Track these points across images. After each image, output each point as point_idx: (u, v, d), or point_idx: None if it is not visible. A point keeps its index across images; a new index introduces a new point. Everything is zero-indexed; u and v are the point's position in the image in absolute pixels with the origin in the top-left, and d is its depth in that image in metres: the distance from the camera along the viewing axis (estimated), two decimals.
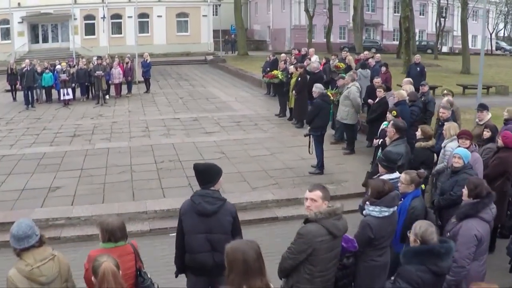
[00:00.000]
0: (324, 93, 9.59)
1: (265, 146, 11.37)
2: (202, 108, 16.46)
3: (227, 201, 4.23)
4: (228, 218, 4.15)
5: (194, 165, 4.30)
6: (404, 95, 8.86)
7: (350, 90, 10.74)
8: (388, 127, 6.08)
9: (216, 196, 4.14)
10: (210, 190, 4.15)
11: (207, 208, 4.09)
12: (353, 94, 10.72)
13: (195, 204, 4.11)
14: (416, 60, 16.10)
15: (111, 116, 15.37)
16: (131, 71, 19.91)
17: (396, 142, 6.00)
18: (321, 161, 9.53)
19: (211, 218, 4.11)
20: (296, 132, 12.81)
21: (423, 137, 6.75)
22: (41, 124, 14.39)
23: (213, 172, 4.22)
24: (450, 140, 7.04)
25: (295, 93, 13.07)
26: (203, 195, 4.14)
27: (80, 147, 11.37)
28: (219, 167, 4.31)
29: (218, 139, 12.03)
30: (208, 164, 4.38)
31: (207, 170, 4.25)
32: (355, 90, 10.78)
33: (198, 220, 4.14)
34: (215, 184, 4.20)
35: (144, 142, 11.74)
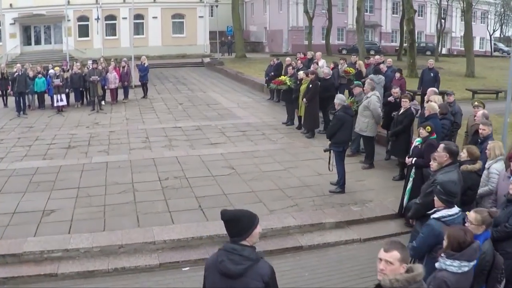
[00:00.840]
0: (346, 105, 8.79)
1: (276, 159, 10.54)
2: (203, 115, 15.61)
3: (262, 260, 3.28)
4: (257, 284, 3.23)
5: (221, 213, 3.41)
6: (436, 108, 8.09)
7: (370, 100, 9.95)
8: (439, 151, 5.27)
9: (245, 255, 3.18)
10: (239, 245, 3.22)
11: (230, 269, 3.17)
12: (374, 104, 9.94)
13: (218, 262, 3.22)
14: (430, 65, 15.37)
15: (108, 124, 14.46)
16: (127, 75, 18.99)
17: (448, 169, 5.20)
18: (342, 179, 8.73)
19: (236, 280, 3.20)
20: (307, 143, 12.02)
21: (469, 159, 5.97)
22: (33, 133, 13.46)
23: (244, 222, 3.27)
24: (495, 161, 6.29)
25: (305, 101, 12.27)
26: (229, 251, 3.21)
27: (75, 161, 10.48)
28: (253, 214, 3.36)
29: (225, 151, 11.19)
30: (238, 212, 3.43)
31: (235, 219, 3.30)
32: (375, 100, 10.00)
33: (220, 281, 3.24)
34: (246, 237, 3.25)
35: (145, 155, 10.87)
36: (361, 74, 14.77)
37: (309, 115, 12.37)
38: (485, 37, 54.02)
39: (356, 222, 7.69)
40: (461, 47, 53.73)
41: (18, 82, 16.22)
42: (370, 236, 7.29)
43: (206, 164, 10.10)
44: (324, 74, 12.93)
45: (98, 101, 16.92)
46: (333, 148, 8.65)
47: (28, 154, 11.25)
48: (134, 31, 35.20)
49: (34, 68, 18.10)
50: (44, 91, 17.54)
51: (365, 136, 10.17)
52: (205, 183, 8.86)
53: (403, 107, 9.38)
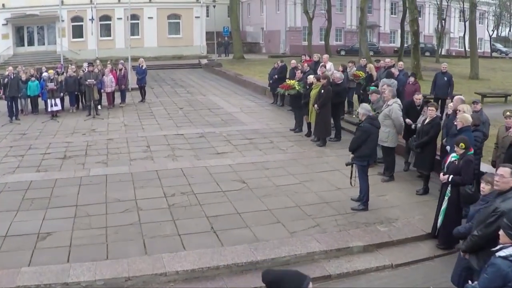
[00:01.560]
0: (372, 115, 8.08)
1: (289, 171, 9.82)
2: (206, 121, 14.85)
3: None
4: None
5: (263, 275, 2.70)
6: (469, 119, 7.39)
7: (392, 108, 9.26)
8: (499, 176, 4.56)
9: None
10: None
11: None
12: (396, 113, 9.24)
13: None
14: (443, 69, 14.70)
15: (105, 131, 13.66)
16: (124, 78, 18.18)
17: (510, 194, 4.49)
18: (366, 196, 8.04)
19: None
20: (320, 152, 11.32)
21: None
22: (26, 141, 12.64)
23: (290, 285, 2.61)
24: None
25: (317, 108, 11.56)
26: None
27: (72, 174, 9.69)
28: (302, 275, 2.71)
29: (233, 162, 10.44)
30: (282, 274, 2.73)
31: (278, 281, 2.62)
32: (397, 108, 9.31)
33: None
34: None
35: (147, 167, 10.09)
36: (372, 78, 14.12)
37: (321, 122, 11.66)
38: (483, 37, 53.60)
39: (385, 244, 7.00)
40: (459, 47, 53.45)
41: (10, 86, 15.38)
42: (402, 261, 6.60)
43: (214, 177, 9.36)
44: (335, 79, 12.24)
45: (94, 106, 16.12)
46: (357, 162, 7.96)
47: (21, 165, 10.44)
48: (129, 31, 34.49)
49: (27, 71, 17.28)
50: (38, 95, 16.72)
51: (385, 147, 9.47)
52: (215, 200, 8.12)
53: (429, 116, 8.71)
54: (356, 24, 46.64)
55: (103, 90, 17.32)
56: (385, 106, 9.48)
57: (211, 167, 10.01)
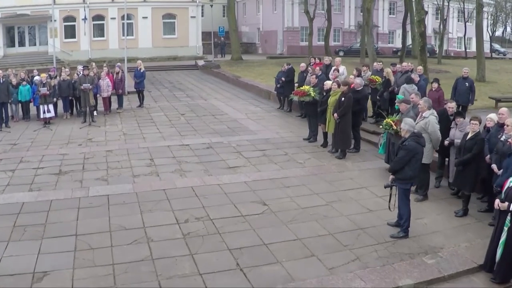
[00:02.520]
0: (417, 132, 7.11)
1: (312, 189, 8.85)
2: (211, 129, 13.83)
3: None
4: None
5: None
6: None
7: (428, 121, 8.32)
8: None
9: None
10: None
11: None
12: (433, 126, 8.30)
13: None
14: (464, 74, 13.81)
15: (103, 141, 12.59)
16: (122, 82, 17.05)
17: None
18: (407, 222, 7.10)
19: None
20: (340, 166, 10.36)
21: None
22: (17, 153, 11.53)
23: None
24: None
25: (337, 117, 10.59)
26: None
27: (69, 194, 8.62)
28: None
29: (248, 178, 9.44)
30: None
31: None
32: (434, 121, 8.37)
33: None
34: None
35: (153, 185, 9.05)
36: (389, 83, 13.20)
37: (341, 133, 10.70)
38: None
39: (436, 281, 6.06)
40: (458, 48, 52.93)
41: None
42: None
43: (230, 197, 8.34)
44: (355, 85, 11.29)
45: (90, 112, 15.01)
46: (398, 185, 7.00)
47: (11, 182, 9.34)
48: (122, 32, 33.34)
49: (18, 74, 16.12)
50: (29, 100, 15.60)
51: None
52: (236, 227, 7.11)
53: (472, 131, 7.79)
54: (354, 24, 45.95)
55: (99, 95, 16.22)
56: (420, 118, 8.54)
57: (224, 185, 9.00)
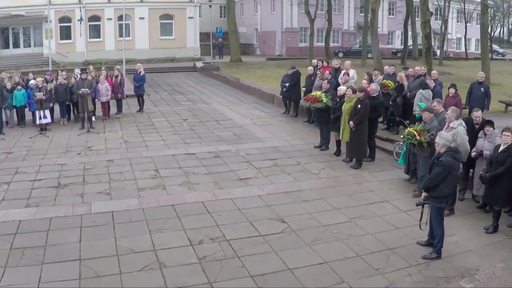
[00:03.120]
0: (454, 147, 6.52)
1: (332, 204, 8.26)
2: (216, 136, 13.20)
3: None
4: None
5: None
6: None
7: (457, 132, 7.76)
8: None
9: None
10: None
11: None
12: (462, 137, 7.74)
13: None
14: (480, 78, 13.27)
15: (104, 150, 11.93)
16: (121, 86, 16.37)
17: None
18: (441, 242, 6.53)
19: None
20: (357, 177, 9.78)
21: None
22: (12, 163, 10.85)
23: None
24: None
25: (353, 125, 10.01)
26: None
27: (70, 210, 7.96)
28: None
29: (262, 191, 8.83)
30: None
31: None
32: (463, 132, 7.81)
33: None
34: None
35: (161, 200, 8.41)
36: (402, 88, 12.63)
37: (357, 141, 10.12)
38: None
39: None
40: (457, 49, 52.62)
41: None
42: None
43: (245, 214, 7.73)
44: (371, 91, 10.70)
45: (88, 118, 14.34)
46: (432, 204, 6.42)
47: (7, 197, 8.67)
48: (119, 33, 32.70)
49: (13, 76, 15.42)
50: (24, 105, 14.90)
51: None
52: (255, 250, 6.50)
53: (504, 143, 7.26)
54: (354, 25, 45.48)
55: (97, 99, 15.56)
56: (448, 129, 7.98)
57: (237, 199, 8.38)
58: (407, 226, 7.45)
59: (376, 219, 7.78)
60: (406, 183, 9.60)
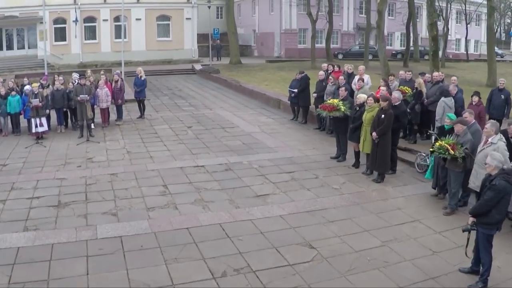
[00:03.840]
0: (507, 169, 5.84)
1: (360, 224, 7.57)
2: (225, 145, 12.47)
3: None
4: None
5: None
6: None
7: (497, 147, 7.09)
8: None
9: None
10: None
11: None
12: (503, 153, 7.06)
13: None
14: (501, 85, 12.62)
15: (105, 161, 11.15)
16: (121, 91, 15.60)
17: None
18: (488, 271, 5.89)
19: None
20: (382, 192, 9.10)
21: None
22: (8, 177, 10.04)
23: None
24: None
25: (376, 136, 9.33)
26: None
27: (73, 235, 7.19)
28: None
29: (283, 210, 8.11)
30: None
31: None
32: (504, 148, 7.16)
33: None
34: None
35: (174, 222, 7.65)
36: (421, 95, 11.99)
37: (381, 154, 9.44)
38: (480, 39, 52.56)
39: None
40: (456, 50, 52.23)
41: None
42: None
43: (269, 238, 7.01)
44: (393, 100, 10.01)
45: (87, 125, 13.56)
46: (482, 230, 5.76)
47: (3, 218, 7.89)
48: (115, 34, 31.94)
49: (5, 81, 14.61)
50: (19, 112, 14.10)
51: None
52: (286, 283, 5.78)
53: None
54: (353, 27, 44.91)
55: (96, 106, 14.77)
56: (486, 144, 7.32)
57: (258, 220, 7.65)
58: (445, 250, 6.80)
59: (410, 242, 7.10)
60: (434, 198, 8.96)
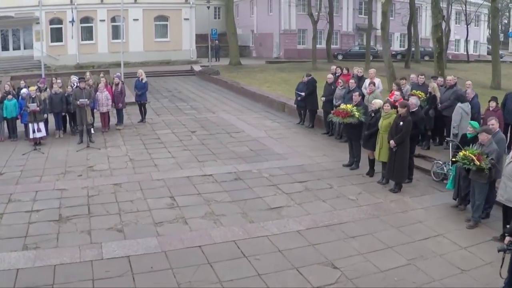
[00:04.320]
0: None
1: (382, 240, 7.11)
2: (231, 152, 11.98)
3: None
4: None
5: None
6: None
7: None
8: None
9: None
10: None
11: None
12: None
13: None
14: None
15: (107, 170, 10.63)
16: (122, 95, 15.07)
17: None
18: None
19: None
20: (400, 203, 8.66)
21: None
22: (4, 187, 9.50)
23: None
24: None
25: (394, 144, 8.88)
26: None
27: (77, 254, 6.66)
28: None
29: (300, 225, 7.62)
30: None
31: None
32: None
33: None
34: None
35: (184, 239, 7.14)
36: (435, 100, 11.55)
37: (399, 163, 8.98)
38: (479, 40, 52.37)
39: None
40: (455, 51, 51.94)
41: None
42: None
43: (288, 257, 6.52)
44: (411, 106, 9.55)
45: (87, 130, 13.02)
46: None
47: (0, 234, 7.37)
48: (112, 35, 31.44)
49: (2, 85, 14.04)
50: (16, 116, 13.56)
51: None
52: None
53: None
54: (353, 27, 44.53)
55: (96, 110, 14.24)
56: None
57: (274, 236, 7.17)
58: (474, 268, 6.39)
59: (437, 259, 6.65)
60: (454, 210, 8.53)
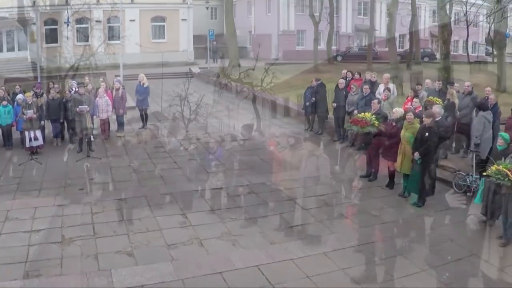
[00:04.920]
0: None
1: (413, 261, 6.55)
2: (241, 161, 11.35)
3: None
4: None
5: None
6: None
7: None
8: None
9: None
10: None
11: None
12: None
13: None
14: None
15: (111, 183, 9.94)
16: (123, 100, 14.40)
17: None
18: None
19: None
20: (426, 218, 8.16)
21: None
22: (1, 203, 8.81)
23: None
24: None
25: (418, 156, 8.32)
26: None
27: (84, 283, 6.01)
28: None
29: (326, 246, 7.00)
30: None
31: None
32: None
33: None
34: None
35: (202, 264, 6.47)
36: (453, 107, 11.00)
37: (423, 175, 8.43)
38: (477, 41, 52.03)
39: None
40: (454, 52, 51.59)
41: None
42: None
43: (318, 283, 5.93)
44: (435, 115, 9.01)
45: (87, 140, 12.35)
46: None
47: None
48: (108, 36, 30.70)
49: None
50: (11, 124, 12.85)
51: None
52: None
53: None
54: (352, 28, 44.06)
55: (95, 116, 13.56)
56: None
57: (300, 260, 6.56)
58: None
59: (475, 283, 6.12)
60: (483, 226, 7.98)
